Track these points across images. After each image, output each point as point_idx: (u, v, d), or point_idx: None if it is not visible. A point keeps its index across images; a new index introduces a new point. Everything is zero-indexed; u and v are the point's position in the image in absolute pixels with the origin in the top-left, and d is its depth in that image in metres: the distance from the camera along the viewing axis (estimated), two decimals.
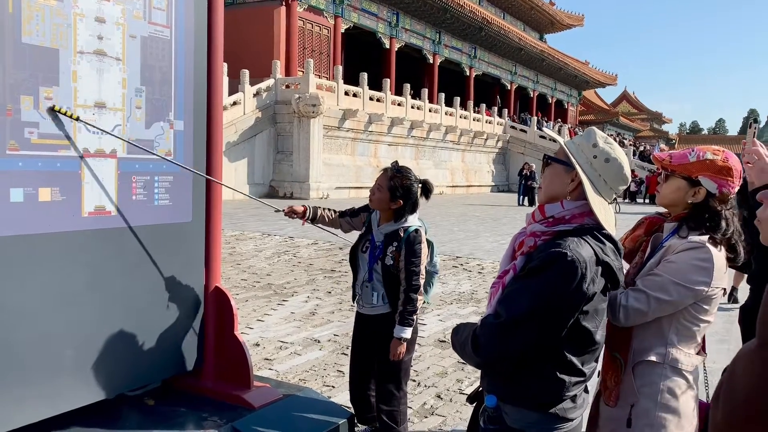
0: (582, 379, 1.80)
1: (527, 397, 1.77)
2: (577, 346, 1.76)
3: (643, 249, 2.25)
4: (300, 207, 3.29)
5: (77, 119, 2.38)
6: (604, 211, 1.79)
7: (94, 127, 2.45)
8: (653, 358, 2.07)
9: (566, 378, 1.75)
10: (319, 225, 3.34)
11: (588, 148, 1.83)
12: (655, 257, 2.13)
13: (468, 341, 1.79)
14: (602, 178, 1.81)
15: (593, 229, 1.76)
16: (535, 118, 38.58)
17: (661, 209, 2.30)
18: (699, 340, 2.15)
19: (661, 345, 2.08)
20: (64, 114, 2.34)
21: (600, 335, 1.81)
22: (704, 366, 2.26)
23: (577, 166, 1.79)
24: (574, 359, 1.75)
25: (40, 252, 2.32)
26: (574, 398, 1.80)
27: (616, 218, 1.89)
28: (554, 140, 1.92)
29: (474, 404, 2.07)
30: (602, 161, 1.81)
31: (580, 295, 1.68)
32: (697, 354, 2.14)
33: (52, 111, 2.31)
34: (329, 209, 3.37)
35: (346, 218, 3.35)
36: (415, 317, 3.07)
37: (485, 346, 1.74)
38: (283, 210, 3.25)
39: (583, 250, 1.69)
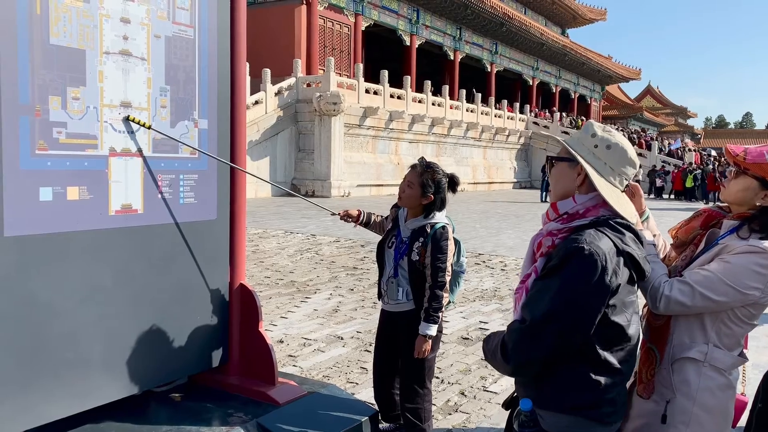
0: (619, 378, 1.74)
1: (562, 401, 1.72)
2: (610, 343, 1.71)
3: (696, 242, 2.17)
4: (355, 211, 3.37)
5: (149, 128, 2.54)
6: (617, 198, 1.77)
7: (164, 135, 2.63)
8: (694, 355, 2.01)
9: (602, 379, 1.70)
10: (370, 229, 3.43)
11: (587, 138, 1.83)
12: (708, 253, 2.05)
13: (497, 349, 1.76)
14: (608, 165, 1.80)
15: (609, 220, 1.74)
16: (558, 113, 38.22)
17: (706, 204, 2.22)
18: (741, 341, 2.08)
19: (703, 343, 2.02)
20: (138, 123, 2.49)
21: (633, 329, 1.76)
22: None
23: (579, 158, 1.79)
24: (609, 357, 1.70)
25: (68, 250, 2.35)
26: (612, 401, 1.73)
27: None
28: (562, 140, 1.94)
29: (510, 410, 2.02)
30: (603, 148, 1.81)
31: (603, 289, 1.64)
32: (739, 356, 2.07)
33: (127, 120, 2.48)
34: (379, 215, 3.45)
35: (384, 222, 3.38)
36: (440, 314, 3.06)
37: (513, 352, 1.71)
38: (339, 213, 3.30)
39: (601, 242, 1.66)
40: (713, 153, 40.55)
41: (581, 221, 1.74)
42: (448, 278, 3.06)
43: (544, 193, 24.40)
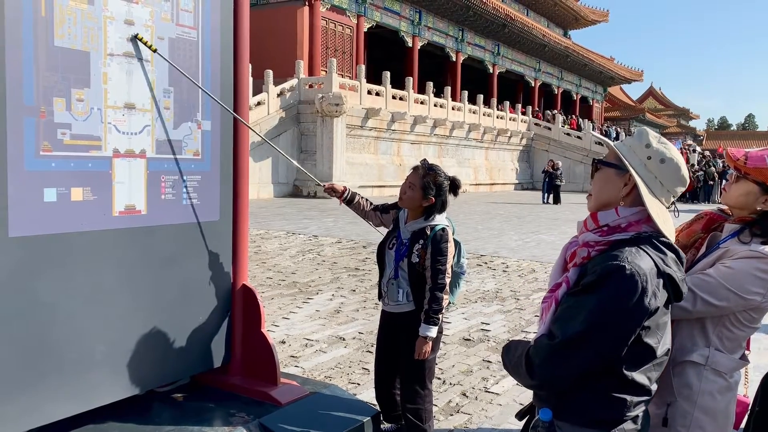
0: (646, 398, 1.66)
1: (585, 415, 1.64)
2: (639, 362, 1.63)
3: (698, 246, 2.16)
4: (340, 186, 3.34)
5: (155, 51, 2.54)
6: (662, 216, 1.66)
7: (168, 61, 2.63)
8: (695, 359, 2.01)
9: (627, 396, 1.62)
10: (353, 209, 3.39)
11: (641, 148, 1.70)
12: (709, 257, 2.04)
13: (522, 362, 1.67)
14: (658, 180, 1.68)
15: (652, 238, 1.63)
16: (561, 116, 38.20)
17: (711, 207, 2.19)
18: (743, 344, 2.08)
19: (704, 346, 2.02)
20: (144, 43, 2.49)
21: (663, 349, 1.68)
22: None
23: (631, 169, 1.66)
24: (636, 376, 1.63)
25: (72, 250, 2.37)
26: (635, 419, 1.66)
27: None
28: (604, 143, 1.79)
29: (524, 420, 1.94)
30: (657, 162, 1.68)
31: (641, 311, 1.55)
32: (741, 359, 2.07)
33: (134, 38, 2.49)
34: (366, 199, 3.41)
35: (377, 212, 3.37)
36: (440, 316, 3.07)
37: (540, 368, 1.63)
38: (324, 185, 3.29)
39: (642, 261, 1.56)
40: (698, 149, 40.29)
41: (622, 236, 1.63)
42: (447, 280, 3.06)
43: (546, 194, 24.40)
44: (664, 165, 1.68)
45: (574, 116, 40.13)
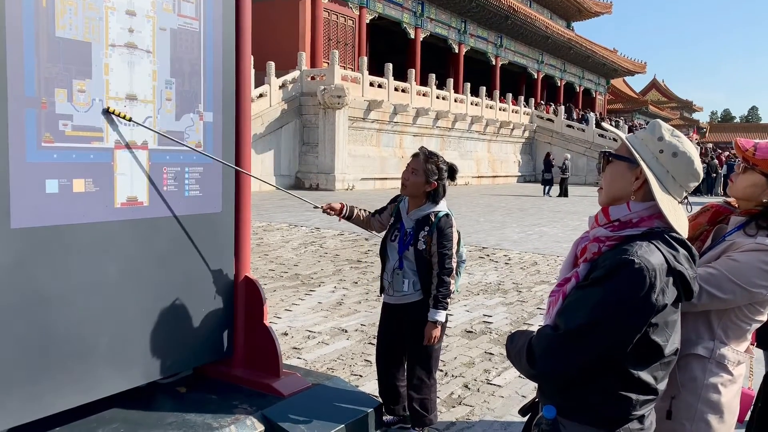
0: (652, 397, 1.63)
1: (589, 413, 1.61)
2: (646, 361, 1.60)
3: (703, 238, 2.14)
4: (337, 204, 3.35)
5: (130, 120, 2.48)
6: (674, 211, 1.63)
7: (146, 127, 2.53)
8: (699, 352, 2.00)
9: (633, 395, 1.59)
10: (354, 223, 3.42)
11: (653, 141, 1.66)
12: (715, 250, 2.03)
13: (523, 352, 1.65)
14: (670, 174, 1.64)
15: (664, 233, 1.60)
16: (562, 107, 38.09)
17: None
18: (749, 336, 2.07)
19: (709, 339, 2.00)
20: (117, 115, 2.44)
21: (671, 348, 1.64)
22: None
23: (642, 163, 1.63)
24: (642, 374, 1.59)
25: (74, 242, 2.37)
26: (641, 419, 1.63)
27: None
28: (615, 137, 1.77)
29: (527, 416, 1.91)
30: (669, 156, 1.64)
31: (648, 307, 1.52)
32: (745, 351, 2.06)
33: (107, 113, 2.42)
34: (363, 209, 3.44)
35: (376, 216, 3.40)
36: (448, 300, 3.09)
37: (541, 359, 1.60)
38: (321, 207, 3.28)
39: (652, 257, 1.53)
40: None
41: (633, 231, 1.61)
42: (454, 264, 3.10)
43: (548, 187, 24.36)
44: (676, 159, 1.65)
45: (550, 103, 39.77)
